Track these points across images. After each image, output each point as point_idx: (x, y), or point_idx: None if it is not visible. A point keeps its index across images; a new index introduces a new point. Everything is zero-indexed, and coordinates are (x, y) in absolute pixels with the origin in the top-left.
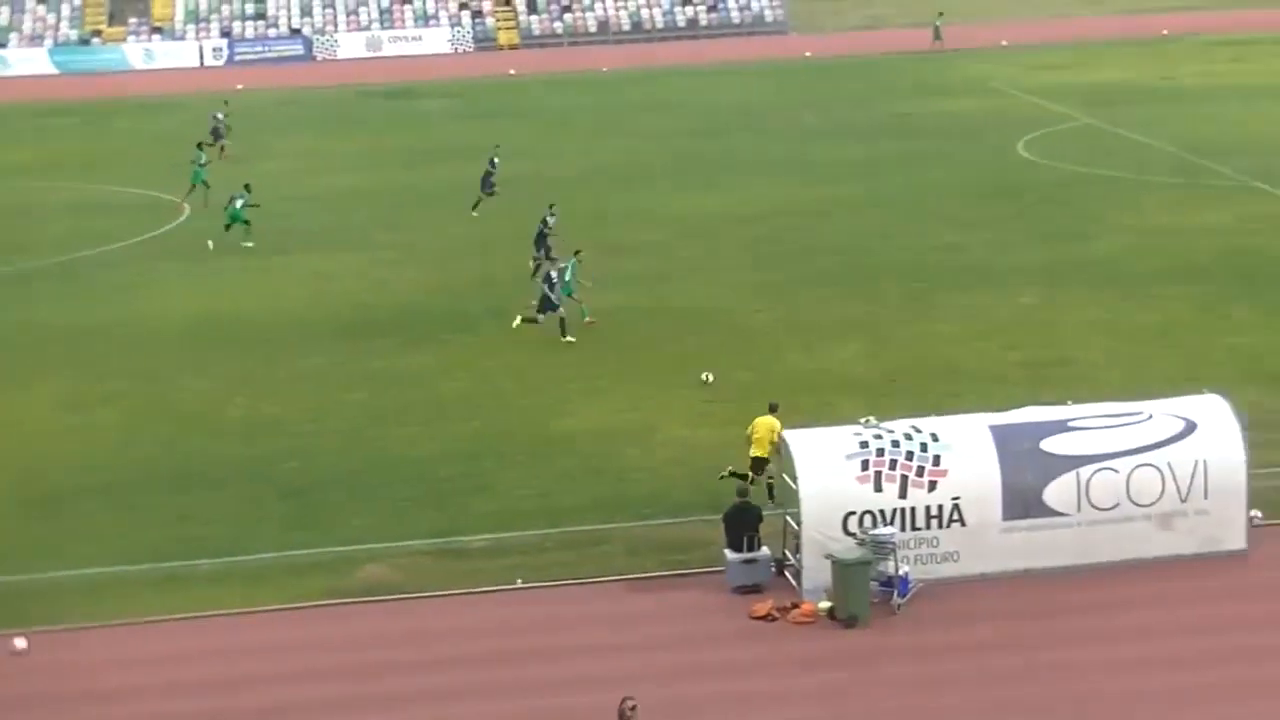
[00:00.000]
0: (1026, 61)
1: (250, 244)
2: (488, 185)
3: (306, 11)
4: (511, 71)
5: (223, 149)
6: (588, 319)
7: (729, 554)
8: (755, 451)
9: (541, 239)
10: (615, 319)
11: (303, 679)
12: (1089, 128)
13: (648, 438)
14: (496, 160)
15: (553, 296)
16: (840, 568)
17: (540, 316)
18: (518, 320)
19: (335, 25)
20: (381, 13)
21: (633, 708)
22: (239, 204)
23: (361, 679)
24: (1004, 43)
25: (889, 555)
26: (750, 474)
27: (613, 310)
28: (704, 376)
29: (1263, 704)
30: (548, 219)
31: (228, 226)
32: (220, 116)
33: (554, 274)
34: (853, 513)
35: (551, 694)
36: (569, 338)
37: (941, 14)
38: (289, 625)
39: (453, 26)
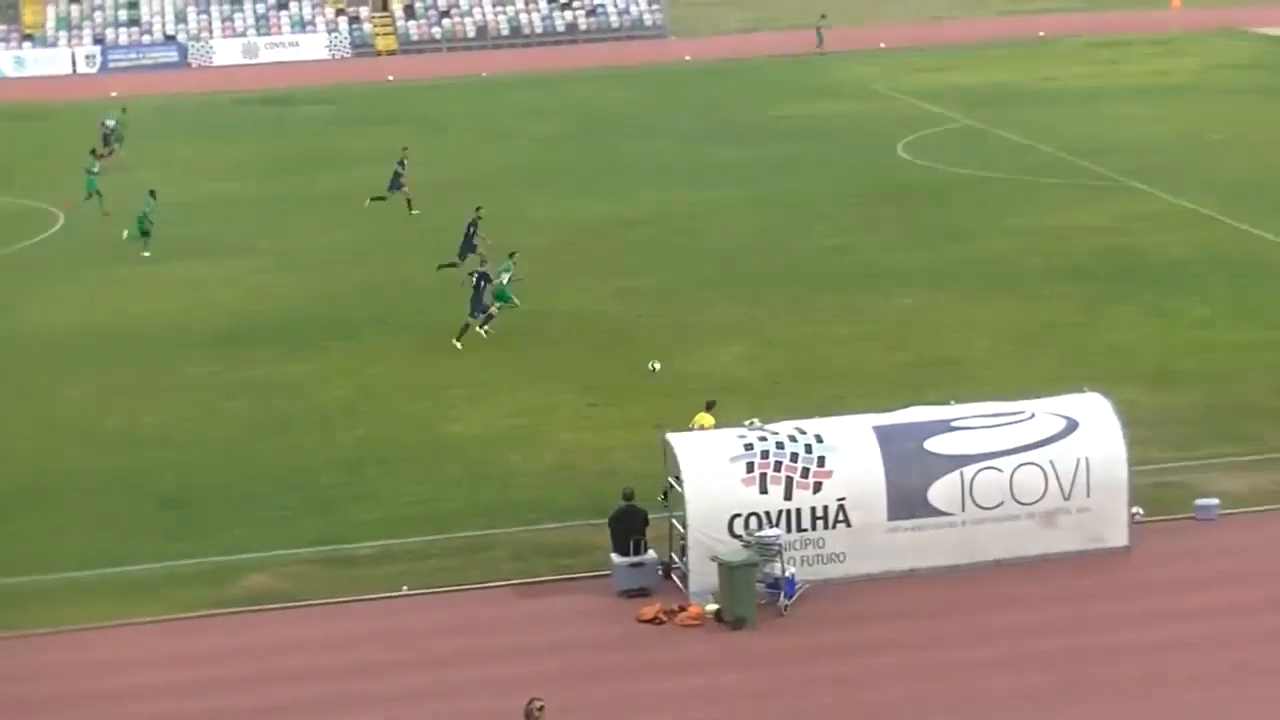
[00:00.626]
0: (905, 64)
1: (147, 254)
2: (396, 185)
3: (181, 18)
4: (390, 77)
5: (111, 153)
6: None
7: (615, 558)
8: None
9: (469, 242)
10: (498, 324)
11: (189, 691)
12: (968, 129)
13: (532, 443)
14: (405, 162)
15: (485, 299)
16: (726, 570)
17: (483, 317)
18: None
19: (210, 32)
20: (257, 19)
21: (540, 708)
22: (146, 209)
23: (248, 689)
24: (882, 45)
25: (775, 557)
26: None
27: (496, 316)
28: (651, 365)
29: (1146, 700)
30: (476, 222)
31: (144, 232)
32: (110, 123)
33: (477, 276)
34: (738, 515)
35: (442, 700)
36: (458, 344)
37: (824, 16)
38: (173, 636)
39: (330, 32)
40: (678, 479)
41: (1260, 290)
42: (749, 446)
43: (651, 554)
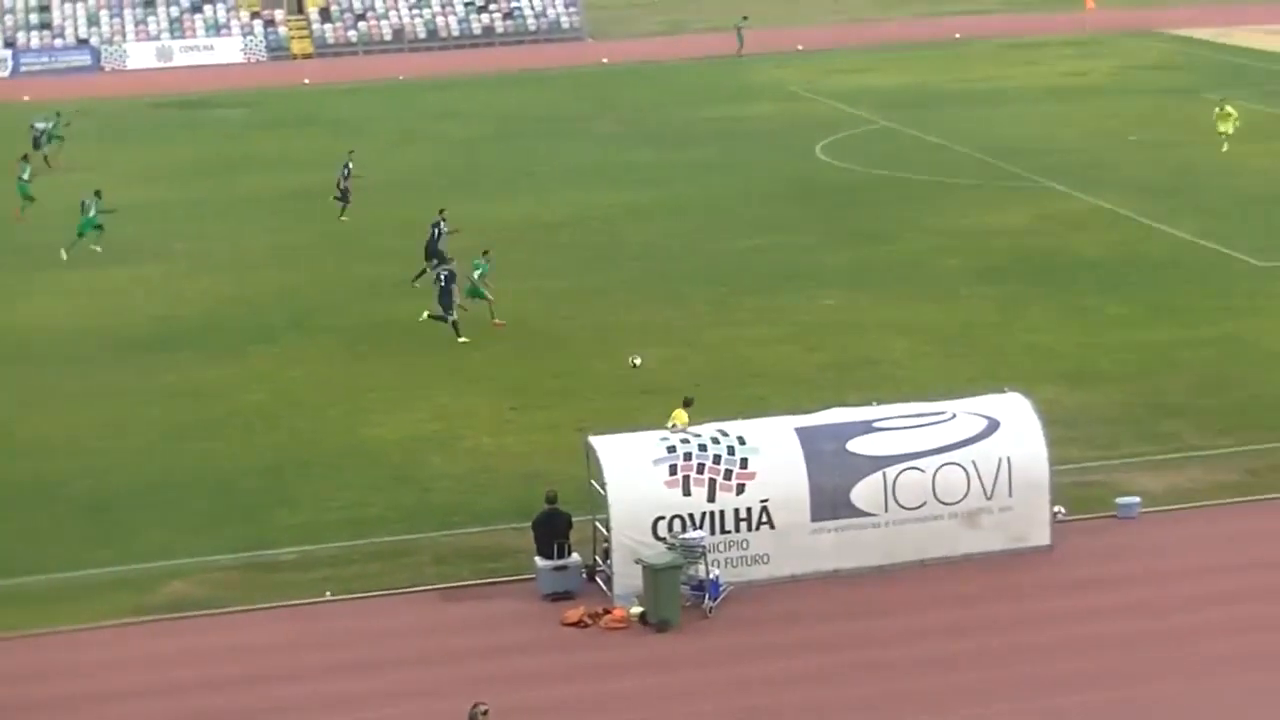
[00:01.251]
0: (822, 65)
1: (98, 248)
2: (343, 188)
3: (94, 21)
4: (306, 81)
5: (46, 159)
6: (496, 320)
7: (539, 561)
8: None
9: (434, 244)
10: (418, 327)
11: (108, 699)
12: (886, 130)
13: (453, 446)
14: (351, 164)
15: (454, 298)
16: (651, 572)
17: (451, 315)
18: (462, 339)
19: (124, 35)
20: (171, 22)
21: (484, 712)
22: (92, 211)
23: (170, 697)
24: (799, 47)
25: (699, 559)
26: None
27: (415, 318)
28: (631, 360)
29: (1068, 698)
30: (441, 224)
31: (80, 234)
32: (40, 126)
33: (444, 274)
34: (662, 517)
35: (366, 707)
36: (463, 339)
37: (745, 18)
38: (92, 645)
39: (245, 36)
40: (601, 482)
41: (1176, 289)
42: (672, 449)
43: (575, 557)
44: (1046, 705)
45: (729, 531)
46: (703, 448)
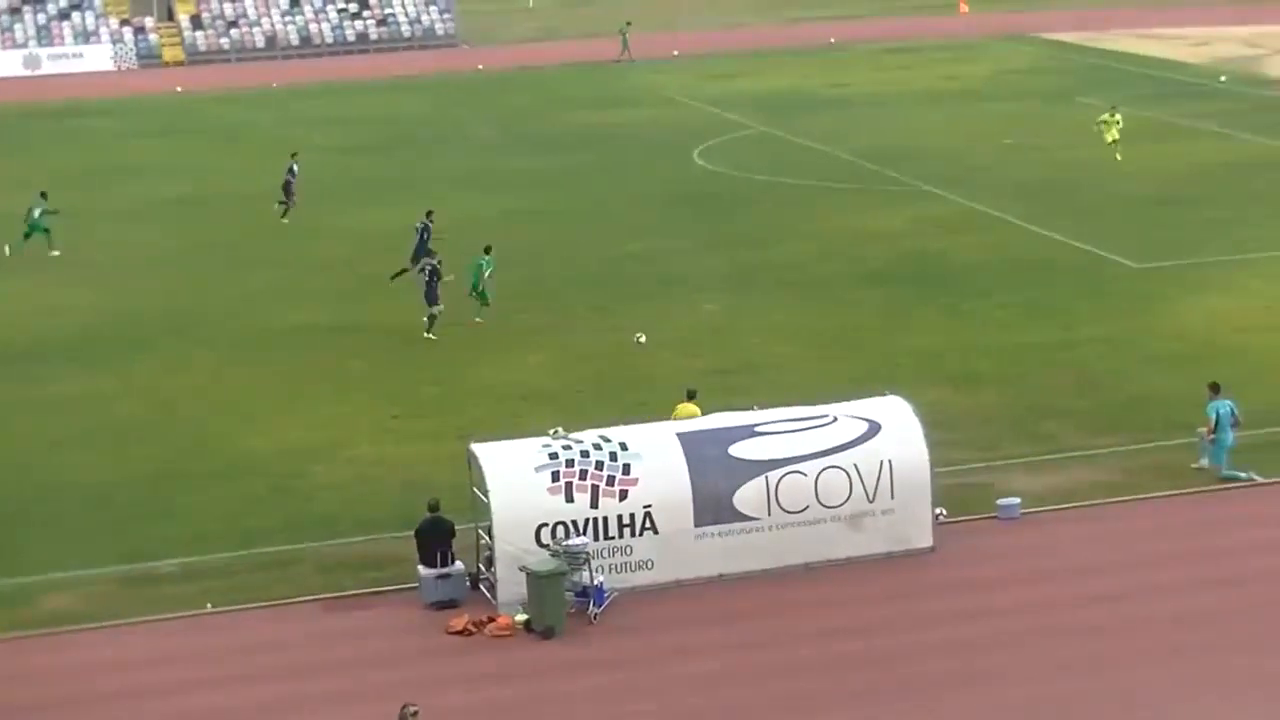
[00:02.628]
0: (699, 70)
1: (56, 253)
2: (289, 192)
3: None
4: (179, 89)
5: None
6: (478, 319)
7: (422, 570)
8: None
9: (422, 246)
10: (298, 336)
11: None
12: (764, 135)
13: (334, 455)
14: (295, 167)
15: (437, 291)
16: (535, 580)
17: (437, 308)
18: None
19: None
20: (39, 30)
21: (415, 714)
22: (37, 213)
23: (47, 713)
24: (675, 53)
25: (583, 565)
26: None
27: (296, 328)
28: (636, 338)
29: (952, 699)
30: (427, 225)
31: (27, 235)
32: None
33: (428, 268)
34: (545, 524)
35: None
36: (430, 335)
37: (629, 23)
38: None
39: (115, 43)
40: (483, 489)
41: (1054, 291)
42: (554, 456)
43: (459, 565)
44: (931, 705)
45: (612, 537)
46: (585, 454)
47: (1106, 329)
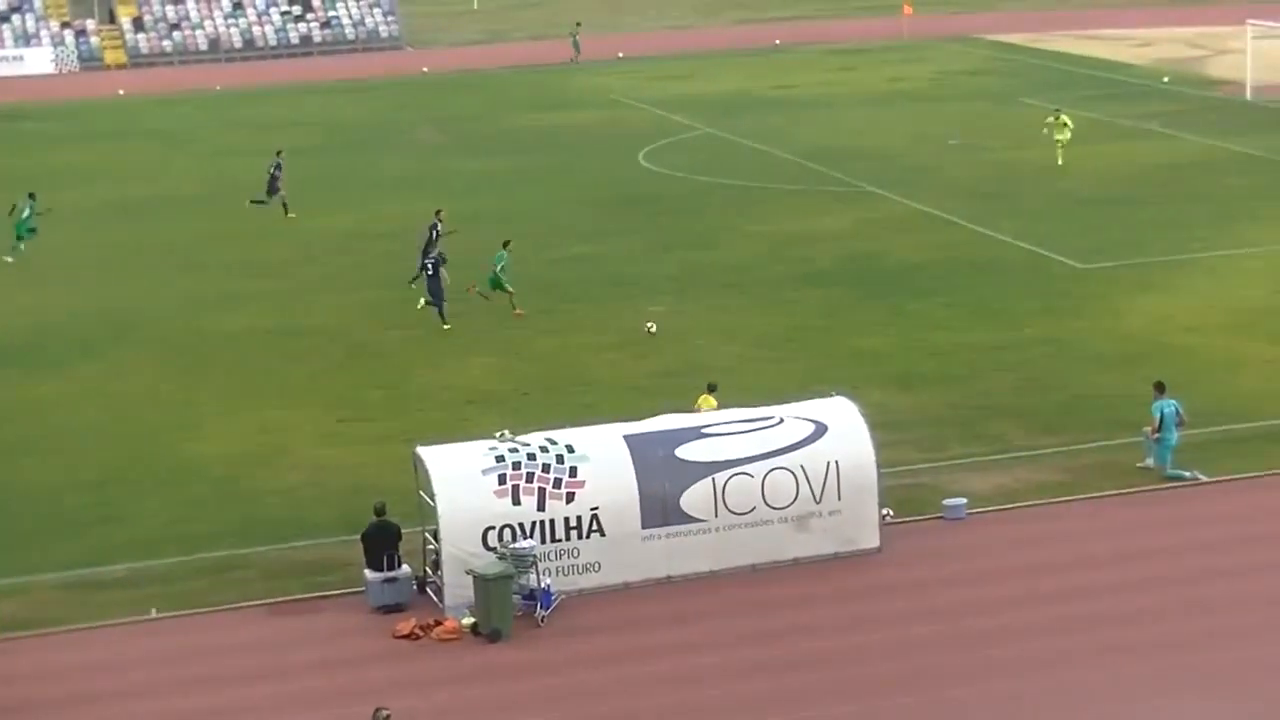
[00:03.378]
0: (645, 73)
1: (18, 253)
2: (274, 188)
3: None
4: (121, 92)
5: None
6: (517, 310)
7: (369, 574)
8: None
9: (431, 244)
10: (242, 340)
11: None
12: (709, 137)
13: (281, 460)
14: (281, 164)
15: (439, 286)
16: (482, 583)
17: (442, 302)
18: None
19: None
20: None
21: (387, 717)
22: (25, 213)
23: None
24: (620, 55)
25: (530, 568)
26: None
27: (240, 332)
28: (647, 327)
29: (899, 699)
30: (437, 225)
31: (19, 237)
32: None
33: (430, 263)
34: (492, 527)
35: None
36: (446, 325)
37: (579, 24)
38: None
39: (56, 46)
40: (429, 493)
41: (998, 291)
42: (500, 458)
43: (405, 569)
44: (877, 706)
45: (559, 540)
46: (531, 457)
47: (1051, 329)
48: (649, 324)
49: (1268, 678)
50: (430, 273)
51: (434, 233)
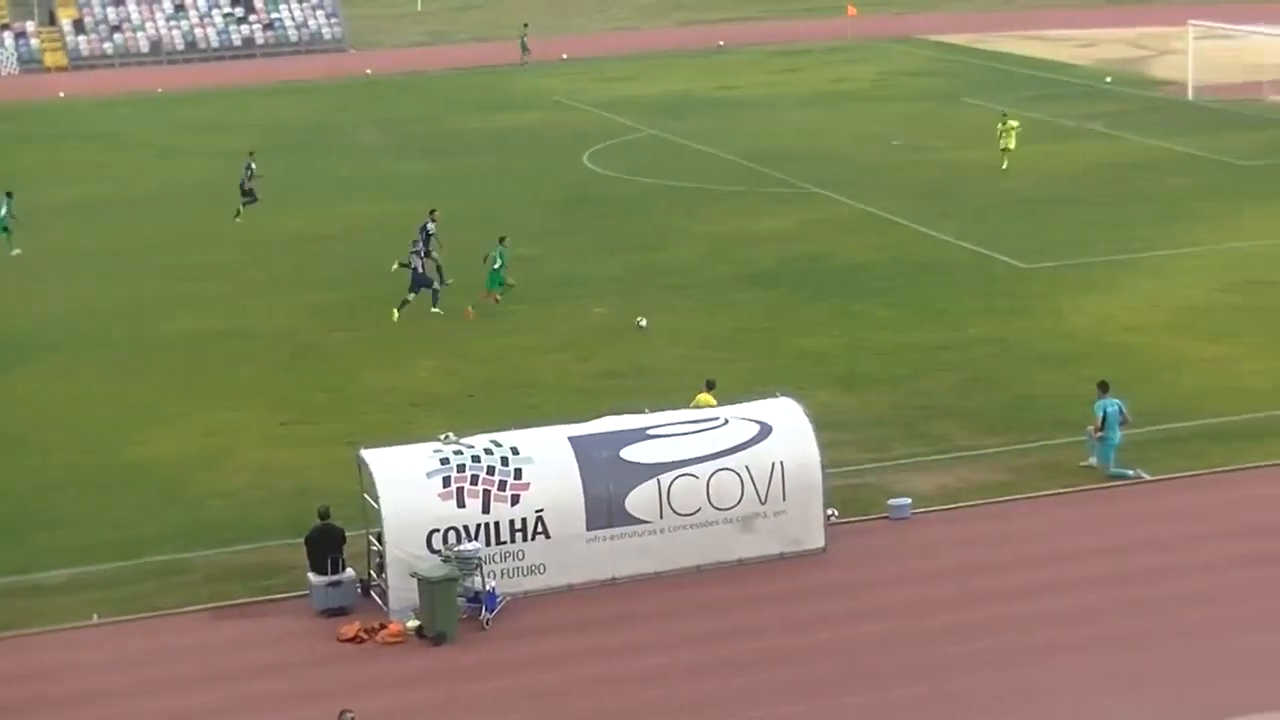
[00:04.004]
0: (589, 74)
1: (17, 251)
2: (246, 190)
3: None
4: (61, 94)
5: None
6: (470, 309)
7: (313, 577)
8: None
9: (426, 243)
10: (186, 343)
11: None
12: (654, 138)
13: (224, 463)
14: (254, 164)
15: (423, 272)
16: (426, 586)
17: (438, 283)
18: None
19: None
20: None
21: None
22: (2, 210)
23: None
24: (565, 56)
25: (475, 571)
26: None
27: (183, 335)
28: (638, 322)
29: (846, 698)
30: (429, 225)
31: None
32: None
33: (411, 258)
34: (436, 530)
35: None
36: (437, 309)
37: (526, 26)
38: None
39: None
40: (374, 496)
41: (942, 291)
42: (445, 461)
43: (350, 572)
44: (825, 706)
45: (504, 542)
46: (476, 459)
47: (995, 329)
48: (639, 319)
49: (1209, 676)
50: (412, 266)
51: (426, 231)
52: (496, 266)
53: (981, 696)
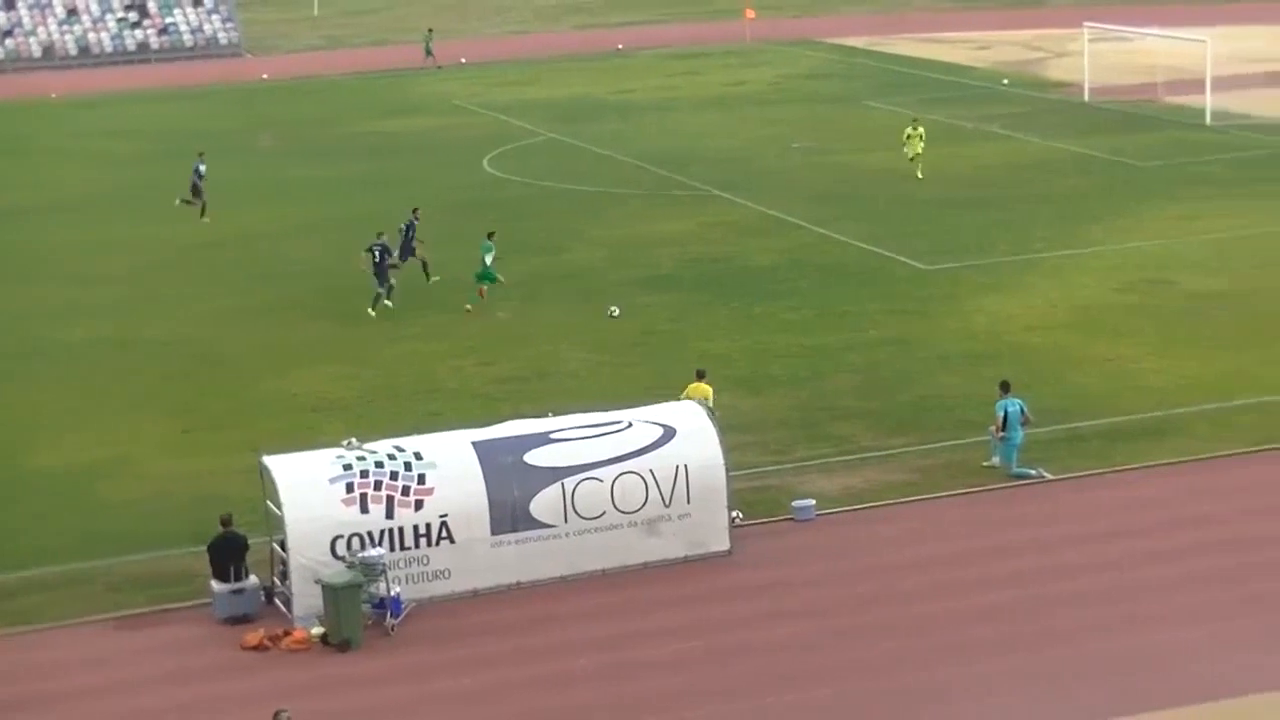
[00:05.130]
0: (487, 78)
1: None
2: (197, 191)
3: None
4: None
5: None
6: (470, 306)
7: (215, 585)
8: None
9: (408, 244)
10: (84, 351)
11: None
12: (553, 142)
13: (123, 471)
14: (203, 167)
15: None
16: (331, 592)
17: (386, 288)
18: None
19: None
20: None
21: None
22: None
23: None
24: (463, 60)
25: (379, 577)
26: None
27: (81, 343)
28: (611, 310)
29: (749, 701)
30: (413, 224)
31: None
32: None
33: (378, 249)
34: (340, 536)
35: None
36: (388, 304)
37: (431, 30)
38: None
39: None
40: (277, 502)
41: (844, 293)
42: (348, 467)
43: (253, 579)
44: (730, 708)
45: (409, 548)
46: (379, 464)
47: (896, 330)
48: (612, 308)
49: (1110, 674)
50: (379, 259)
51: (410, 230)
52: (488, 262)
53: (888, 697)
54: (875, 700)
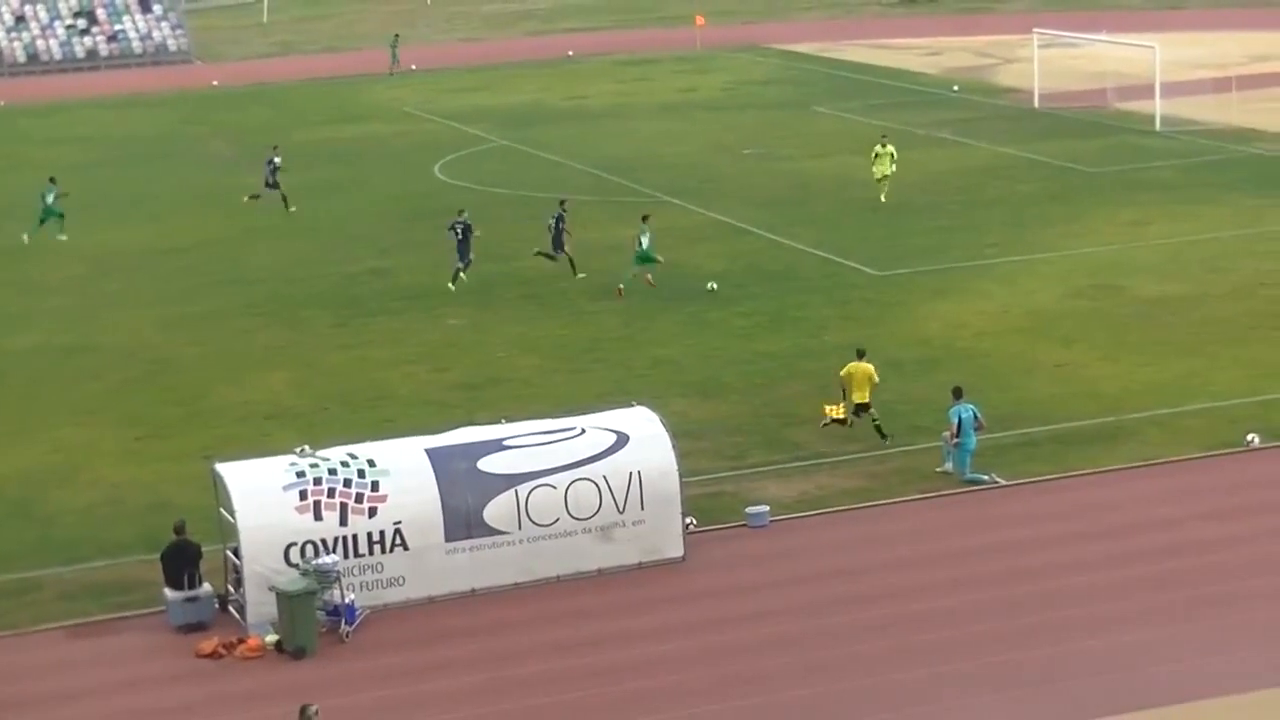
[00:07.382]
0: (439, 85)
1: (63, 236)
2: (272, 184)
3: None
4: None
5: None
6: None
7: (169, 593)
8: (857, 398)
9: (559, 235)
10: (34, 358)
11: None
12: (505, 149)
13: (74, 479)
14: (278, 160)
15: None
16: (284, 600)
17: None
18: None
19: None
20: None
21: (315, 712)
22: (50, 198)
23: None
24: (413, 66)
25: (334, 584)
26: (850, 418)
27: (31, 350)
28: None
29: (708, 705)
30: (561, 216)
31: (42, 221)
32: None
33: (462, 226)
34: (294, 543)
35: None
36: (452, 286)
37: (398, 36)
38: None
39: None
40: (230, 510)
41: (796, 299)
42: (301, 474)
43: (207, 587)
44: (685, 714)
45: (363, 555)
46: (333, 471)
47: (849, 336)
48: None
49: (1067, 675)
50: (462, 235)
51: (559, 222)
52: (645, 245)
53: (843, 700)
54: (832, 703)
